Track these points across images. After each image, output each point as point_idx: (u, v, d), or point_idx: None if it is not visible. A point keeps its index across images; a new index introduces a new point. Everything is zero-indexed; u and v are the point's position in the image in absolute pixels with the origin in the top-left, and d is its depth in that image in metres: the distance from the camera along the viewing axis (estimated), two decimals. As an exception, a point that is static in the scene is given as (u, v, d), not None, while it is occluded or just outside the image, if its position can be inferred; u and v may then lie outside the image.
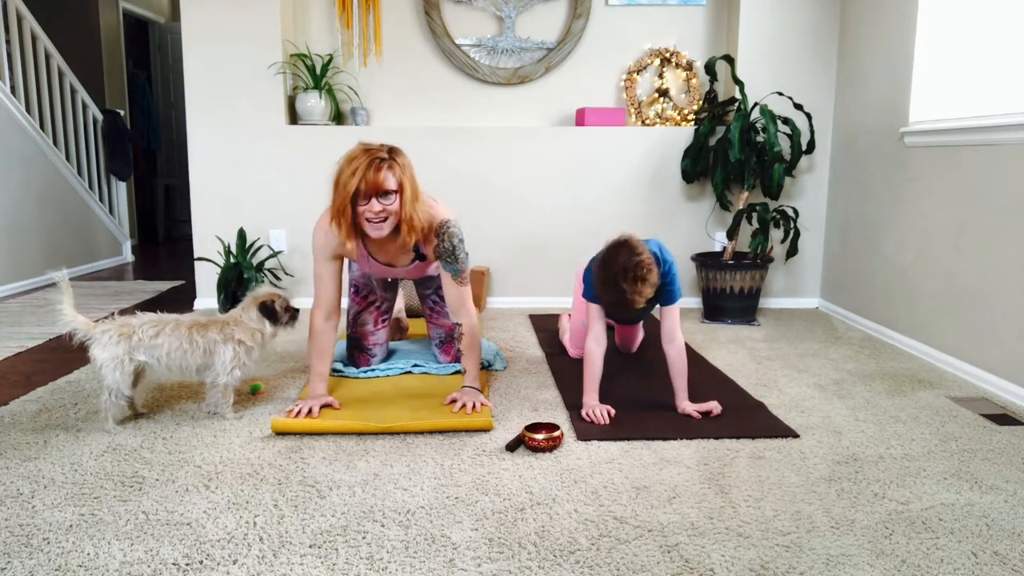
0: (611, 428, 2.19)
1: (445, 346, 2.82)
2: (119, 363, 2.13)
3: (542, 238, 4.00)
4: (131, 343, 2.15)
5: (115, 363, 2.13)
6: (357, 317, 2.75)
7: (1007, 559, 1.51)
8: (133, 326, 2.17)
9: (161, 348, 2.16)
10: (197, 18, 3.76)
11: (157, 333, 2.17)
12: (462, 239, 2.38)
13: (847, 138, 3.73)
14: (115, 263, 5.67)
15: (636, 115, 4.04)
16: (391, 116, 4.09)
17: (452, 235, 2.35)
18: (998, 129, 2.60)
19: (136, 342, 2.15)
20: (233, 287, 3.65)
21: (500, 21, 4.03)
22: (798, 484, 1.85)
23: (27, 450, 2.04)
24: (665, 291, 2.33)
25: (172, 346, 2.17)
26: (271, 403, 2.44)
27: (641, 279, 2.12)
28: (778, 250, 3.95)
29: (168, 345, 2.17)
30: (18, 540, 1.56)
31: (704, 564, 1.48)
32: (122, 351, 2.13)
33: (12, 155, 4.48)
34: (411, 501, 1.74)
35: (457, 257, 2.37)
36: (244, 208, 3.91)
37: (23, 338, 3.32)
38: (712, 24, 4.05)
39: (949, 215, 2.89)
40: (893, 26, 3.29)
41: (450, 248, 2.35)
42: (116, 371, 2.13)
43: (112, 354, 2.13)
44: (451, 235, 2.34)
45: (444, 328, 2.79)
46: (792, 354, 3.08)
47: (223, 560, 1.49)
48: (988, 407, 2.43)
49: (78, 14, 6.17)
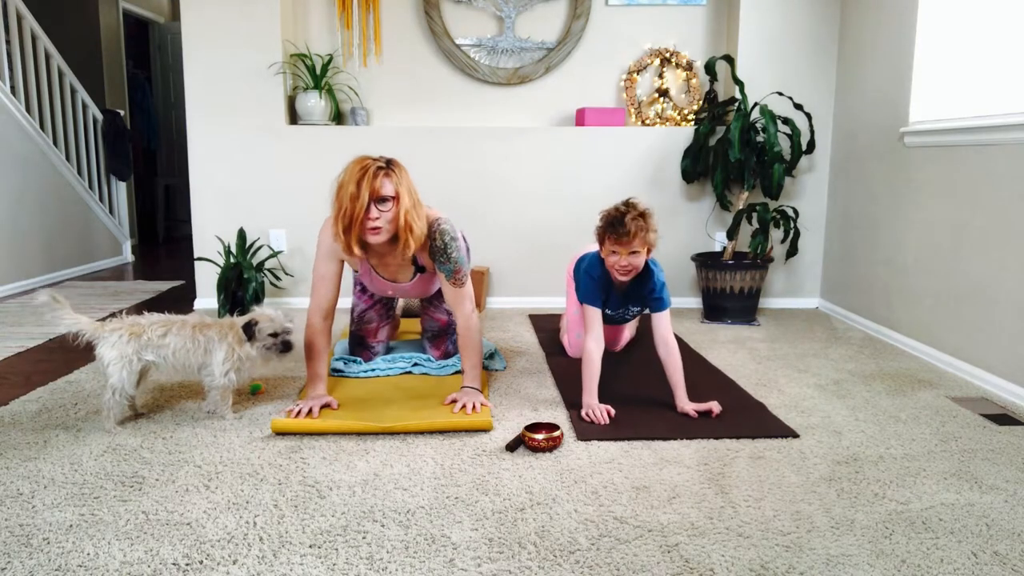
0: (611, 428, 2.19)
1: (436, 341, 2.81)
2: (127, 362, 2.15)
3: (542, 238, 4.00)
4: (140, 342, 2.17)
5: (123, 362, 2.14)
6: (363, 315, 2.76)
7: (1007, 559, 1.51)
8: (143, 325, 2.19)
9: (168, 347, 2.19)
10: (197, 18, 3.76)
11: (165, 333, 2.20)
12: (455, 237, 2.37)
13: (847, 138, 3.73)
14: (115, 263, 5.67)
15: (636, 115, 4.04)
16: (391, 116, 4.09)
17: (443, 232, 2.34)
18: (998, 129, 2.60)
19: (145, 341, 2.17)
20: (233, 287, 3.65)
21: (500, 21, 4.03)
22: (798, 484, 1.85)
23: (27, 450, 2.04)
24: (654, 299, 2.45)
25: (178, 345, 2.20)
26: (271, 403, 2.44)
27: (642, 213, 2.29)
28: (778, 250, 3.95)
29: (174, 344, 2.19)
30: (18, 540, 1.56)
31: (704, 564, 1.48)
32: (131, 350, 2.15)
33: (12, 155, 4.48)
34: (411, 501, 1.74)
35: (449, 256, 2.35)
36: (244, 208, 3.91)
37: (23, 338, 3.32)
38: (712, 24, 4.05)
39: (949, 215, 2.89)
40: (893, 26, 3.29)
41: (441, 246, 2.34)
42: (123, 370, 2.14)
43: (121, 352, 2.14)
44: (442, 232, 2.34)
45: (438, 322, 2.79)
46: (792, 354, 3.08)
47: (223, 560, 1.49)
48: (988, 407, 2.43)
49: (78, 14, 6.17)
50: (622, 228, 2.27)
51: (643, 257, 2.35)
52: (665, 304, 2.43)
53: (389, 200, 2.20)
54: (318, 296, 2.40)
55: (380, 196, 2.18)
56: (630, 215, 2.28)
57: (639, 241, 2.29)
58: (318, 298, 2.40)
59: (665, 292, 2.44)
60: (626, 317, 2.71)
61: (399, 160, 2.28)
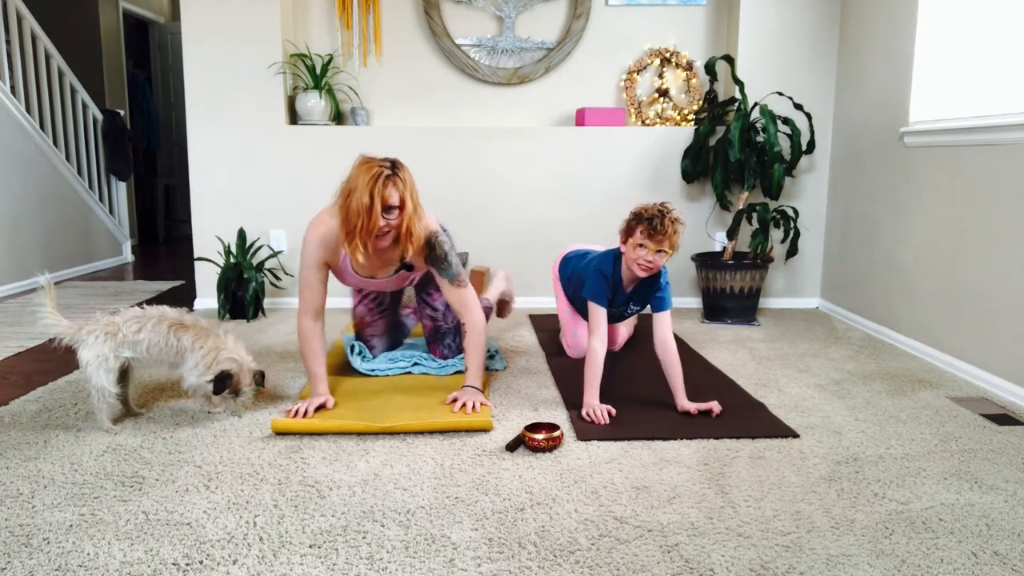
0: (611, 428, 2.19)
1: (431, 345, 2.84)
2: (103, 360, 2.14)
3: (542, 238, 3.99)
4: (116, 340, 2.17)
5: (99, 361, 2.14)
6: (361, 312, 2.84)
7: (1007, 559, 1.51)
8: (117, 324, 2.19)
9: (143, 343, 2.19)
10: (197, 18, 3.76)
11: (140, 328, 2.19)
12: (452, 245, 2.48)
13: (847, 138, 3.73)
14: (115, 263, 5.67)
15: (636, 115, 4.04)
16: (391, 116, 4.09)
17: (441, 243, 2.43)
18: (998, 129, 2.60)
19: (121, 339, 2.17)
20: (233, 287, 3.65)
21: (500, 21, 4.03)
22: (798, 484, 1.85)
23: (27, 450, 2.04)
24: (657, 297, 2.46)
25: (152, 341, 2.20)
26: (271, 403, 2.44)
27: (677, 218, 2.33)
28: (778, 250, 3.95)
29: (148, 340, 2.19)
30: (18, 540, 1.56)
31: (704, 564, 1.48)
32: (108, 349, 2.15)
33: (12, 155, 4.48)
34: (411, 501, 1.74)
35: (450, 262, 2.43)
36: (244, 208, 3.91)
37: (23, 338, 3.32)
38: (712, 24, 4.04)
39: (949, 215, 2.89)
40: (893, 26, 3.29)
41: (442, 255, 2.42)
42: (100, 369, 2.14)
43: (97, 352, 2.14)
44: (440, 243, 2.42)
45: (426, 327, 2.82)
46: (792, 354, 3.08)
47: (223, 560, 1.49)
48: (988, 407, 2.43)
49: (78, 14, 6.17)
50: (660, 224, 2.30)
51: (666, 259, 2.36)
52: (667, 304, 2.44)
53: (394, 209, 2.25)
54: (305, 300, 2.41)
55: (388, 205, 2.22)
56: (670, 215, 2.32)
57: (669, 243, 2.32)
58: (306, 302, 2.41)
59: (668, 292, 2.46)
60: (625, 315, 2.71)
61: (401, 160, 2.30)
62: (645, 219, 2.33)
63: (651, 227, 2.30)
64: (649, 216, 2.33)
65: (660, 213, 2.32)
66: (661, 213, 2.32)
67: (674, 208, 2.36)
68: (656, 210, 2.33)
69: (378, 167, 2.21)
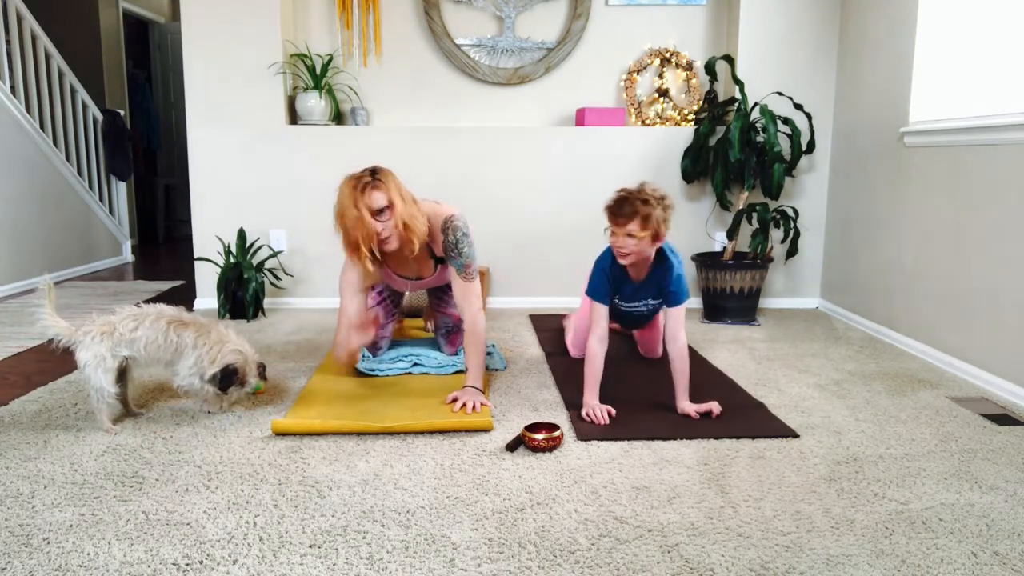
0: (611, 428, 2.19)
1: (451, 336, 2.86)
2: (100, 360, 2.14)
3: (542, 238, 3.99)
4: (113, 339, 2.16)
5: (97, 361, 2.13)
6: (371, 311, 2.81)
7: (1007, 559, 1.51)
8: (113, 323, 2.18)
9: (140, 341, 2.18)
10: (197, 18, 3.76)
11: (136, 327, 2.19)
12: (466, 233, 2.46)
13: (847, 138, 3.73)
14: (115, 263, 5.67)
15: (636, 115, 4.04)
16: (391, 116, 4.09)
17: (456, 228, 2.43)
18: (998, 129, 2.60)
19: (118, 337, 2.17)
20: (233, 287, 3.65)
21: (500, 21, 4.03)
22: (798, 484, 1.85)
23: (27, 450, 2.04)
24: (670, 291, 2.39)
25: (149, 338, 2.19)
26: (271, 403, 2.44)
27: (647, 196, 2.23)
28: (778, 250, 3.95)
29: (146, 338, 2.19)
30: (18, 540, 1.56)
31: (704, 564, 1.48)
32: (105, 348, 2.14)
33: (12, 155, 4.48)
34: (411, 501, 1.74)
35: (461, 251, 2.43)
36: (244, 208, 3.91)
37: (23, 338, 3.32)
38: (712, 24, 4.04)
39: (949, 215, 2.89)
40: (893, 26, 3.29)
41: (453, 241, 2.43)
42: (98, 369, 2.13)
43: (94, 353, 2.14)
44: (455, 228, 2.43)
45: (451, 318, 2.83)
46: (792, 354, 3.08)
47: (223, 560, 1.49)
48: (988, 407, 2.43)
49: (78, 14, 6.17)
50: (618, 207, 2.26)
51: (645, 243, 2.27)
52: (679, 298, 2.37)
53: (385, 210, 2.29)
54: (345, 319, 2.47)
55: (376, 210, 2.27)
56: (633, 196, 2.25)
57: (637, 224, 2.23)
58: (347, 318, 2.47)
59: (682, 285, 2.38)
60: (644, 311, 2.62)
61: (383, 165, 2.36)
62: (609, 204, 2.30)
63: (611, 211, 2.28)
64: (612, 200, 2.29)
65: (623, 197, 2.27)
66: (624, 195, 2.27)
67: (649, 186, 2.28)
68: (620, 192, 2.29)
69: (356, 179, 2.29)
